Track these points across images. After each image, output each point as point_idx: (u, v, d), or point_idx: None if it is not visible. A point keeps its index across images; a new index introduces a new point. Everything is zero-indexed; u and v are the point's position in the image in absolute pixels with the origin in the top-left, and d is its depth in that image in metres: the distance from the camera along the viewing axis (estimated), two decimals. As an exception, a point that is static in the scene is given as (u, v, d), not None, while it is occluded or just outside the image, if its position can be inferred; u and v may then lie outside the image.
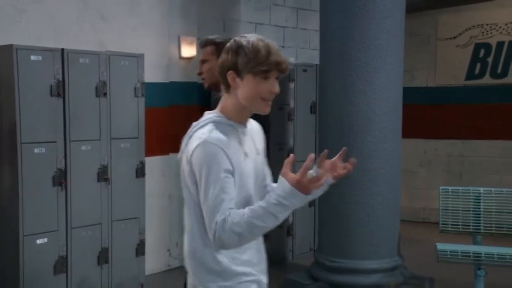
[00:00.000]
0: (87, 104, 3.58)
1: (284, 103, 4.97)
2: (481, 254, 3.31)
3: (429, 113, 6.90)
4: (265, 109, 1.48)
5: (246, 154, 1.48)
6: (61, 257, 3.45)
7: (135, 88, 3.85)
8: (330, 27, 3.73)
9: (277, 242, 4.96)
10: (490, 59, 6.59)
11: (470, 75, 6.71)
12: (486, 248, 3.43)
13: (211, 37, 2.63)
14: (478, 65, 6.67)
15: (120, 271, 3.79)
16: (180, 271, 2.66)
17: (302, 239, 5.12)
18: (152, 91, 4.35)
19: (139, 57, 3.87)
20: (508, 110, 6.49)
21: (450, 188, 3.68)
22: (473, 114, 6.69)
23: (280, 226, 5.06)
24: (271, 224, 1.35)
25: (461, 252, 3.32)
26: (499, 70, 6.55)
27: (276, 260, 4.92)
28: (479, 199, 3.63)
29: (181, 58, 4.72)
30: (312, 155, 1.33)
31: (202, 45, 2.59)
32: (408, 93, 7.04)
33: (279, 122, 4.91)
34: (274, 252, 4.92)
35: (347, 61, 3.60)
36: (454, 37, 6.81)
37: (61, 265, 3.45)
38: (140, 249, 3.90)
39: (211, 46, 2.56)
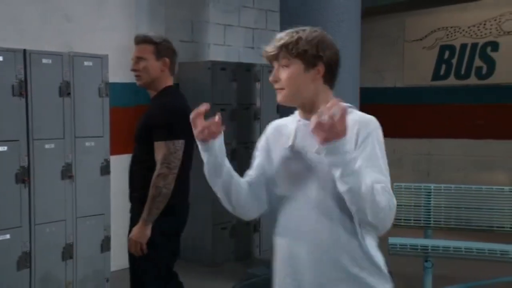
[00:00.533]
0: (51, 104, 3.65)
1: (251, 103, 5.10)
2: (427, 246, 3.46)
3: (398, 113, 7.07)
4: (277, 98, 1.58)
5: (291, 148, 1.56)
6: (25, 252, 3.53)
7: (99, 88, 3.93)
8: (287, 29, 3.85)
9: (244, 238, 5.09)
10: (454, 61, 6.78)
11: (436, 76, 6.89)
12: (433, 241, 3.59)
13: (149, 35, 2.58)
14: (443, 66, 6.86)
15: (85, 267, 3.87)
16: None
17: (269, 234, 5.25)
18: (118, 91, 4.44)
19: (103, 58, 3.95)
20: (471, 110, 6.68)
21: (403, 184, 3.84)
22: (440, 113, 6.88)
23: (247, 223, 5.19)
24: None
25: (410, 245, 3.47)
26: (462, 71, 6.75)
27: (243, 255, 5.04)
28: (430, 195, 3.79)
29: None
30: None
31: (139, 41, 2.53)
32: (378, 93, 7.26)
33: (246, 122, 5.03)
34: (240, 247, 5.05)
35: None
36: (421, 39, 6.98)
37: (25, 261, 3.53)
38: (105, 245, 3.99)
39: (150, 45, 2.52)
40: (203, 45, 5.36)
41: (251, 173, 1.67)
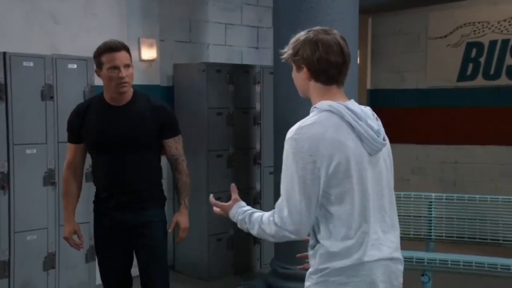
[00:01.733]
0: (32, 108, 3.89)
1: (250, 107, 5.27)
2: (423, 260, 3.55)
3: (421, 117, 7.10)
4: None
5: None
6: (3, 261, 3.76)
7: (84, 92, 4.16)
8: (281, 28, 4.00)
9: (243, 250, 5.22)
10: (482, 59, 6.75)
11: (462, 76, 6.87)
12: (429, 254, 3.67)
13: (119, 41, 2.85)
14: (470, 66, 6.83)
15: (69, 278, 4.08)
16: (134, 280, 2.96)
17: (270, 246, 5.38)
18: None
19: (88, 60, 4.17)
20: (501, 114, 6.64)
21: (402, 193, 3.94)
22: (467, 118, 6.85)
23: (246, 234, 5.32)
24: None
25: (404, 258, 3.57)
26: (492, 71, 6.70)
27: (242, 269, 5.18)
28: (431, 205, 3.87)
29: (141, 60, 5.03)
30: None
31: (120, 49, 2.79)
32: (398, 95, 7.31)
33: (244, 126, 5.19)
34: (239, 260, 5.19)
35: (296, 64, 3.87)
36: (445, 36, 6.98)
37: (3, 270, 3.76)
38: (90, 255, 4.19)
39: (128, 53, 2.81)
40: (202, 45, 5.54)
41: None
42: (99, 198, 2.93)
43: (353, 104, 1.84)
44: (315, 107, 1.81)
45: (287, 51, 1.86)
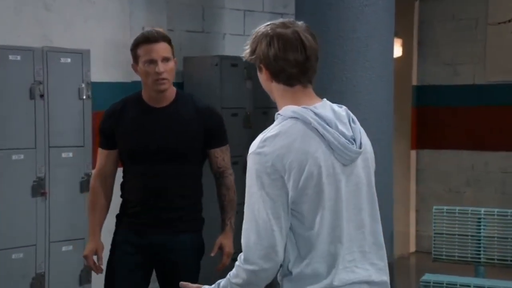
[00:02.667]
0: (20, 108, 4.01)
1: (271, 106, 5.31)
2: (469, 286, 3.55)
3: (478, 118, 7.03)
4: None
5: None
6: (-14, 282, 3.89)
7: (79, 89, 4.27)
8: (304, 17, 4.05)
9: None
10: (554, 49, 6.66)
11: (529, 70, 6.79)
12: (477, 280, 3.66)
13: (159, 30, 2.92)
14: (540, 57, 6.75)
15: (60, 302, 4.20)
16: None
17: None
18: (102, 92, 4.71)
19: (84, 54, 4.29)
20: None
21: (445, 208, 3.94)
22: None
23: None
24: None
25: (447, 283, 3.58)
26: None
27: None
28: (480, 223, 3.87)
29: (146, 53, 5.15)
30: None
31: (159, 39, 2.81)
32: (450, 92, 7.28)
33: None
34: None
35: (321, 57, 3.91)
36: (509, 21, 6.91)
37: (-14, 292, 3.89)
38: (84, 277, 4.28)
39: (169, 44, 2.85)
40: (216, 36, 5.62)
41: None
42: (127, 212, 2.95)
43: (323, 107, 1.85)
44: (279, 113, 1.86)
45: (246, 48, 1.90)
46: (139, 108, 2.89)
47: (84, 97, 4.30)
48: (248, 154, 1.80)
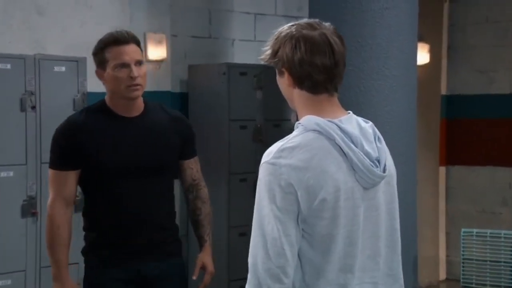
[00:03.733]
0: (9, 120, 4.07)
1: (283, 118, 5.37)
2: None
3: (516, 131, 7.00)
4: None
5: None
6: (-29, 310, 3.93)
7: (74, 101, 4.33)
8: (318, 18, 4.10)
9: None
10: None
11: None
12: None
13: (128, 31, 2.84)
14: None
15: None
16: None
17: None
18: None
19: (80, 61, 4.35)
20: None
21: (474, 231, 3.94)
22: None
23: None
24: None
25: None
26: None
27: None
28: (513, 247, 3.86)
29: (147, 60, 5.19)
30: None
31: (130, 40, 2.74)
32: (484, 103, 7.25)
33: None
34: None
35: (337, 65, 3.95)
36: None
37: (-30, 322, 3.92)
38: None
39: (137, 45, 2.78)
40: (225, 41, 5.67)
41: None
42: (102, 244, 2.81)
43: (349, 121, 1.85)
44: (299, 123, 1.85)
45: (266, 49, 1.89)
46: (107, 119, 2.78)
47: (80, 108, 4.33)
48: (262, 163, 1.80)
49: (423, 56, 6.45)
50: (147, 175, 2.77)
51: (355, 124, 1.86)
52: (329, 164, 1.77)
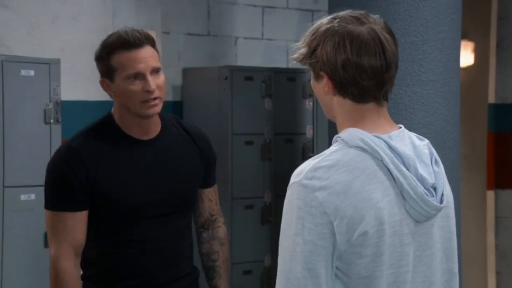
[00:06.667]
0: (-33, 135, 4.10)
1: (297, 132, 5.38)
2: None
3: None
4: None
5: None
6: None
7: (45, 111, 4.34)
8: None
9: None
10: None
11: None
12: None
13: (140, 30, 2.68)
14: None
15: None
16: None
17: None
18: (76, 114, 4.77)
19: (52, 64, 4.36)
20: None
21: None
22: None
23: None
24: None
25: None
26: None
27: None
28: None
29: (133, 62, 5.22)
30: None
31: (144, 43, 2.61)
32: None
33: (288, 161, 5.25)
34: None
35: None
36: None
37: None
38: None
39: (153, 46, 2.64)
40: (226, 40, 5.69)
41: None
42: None
43: (400, 138, 1.80)
44: (339, 137, 1.81)
45: (300, 47, 1.84)
46: (117, 143, 2.68)
47: (52, 120, 4.36)
48: (291, 183, 1.75)
49: (467, 56, 6.47)
50: (170, 212, 2.72)
51: (408, 141, 1.81)
52: (373, 190, 1.72)
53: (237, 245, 5.06)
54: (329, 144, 2.41)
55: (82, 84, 4.92)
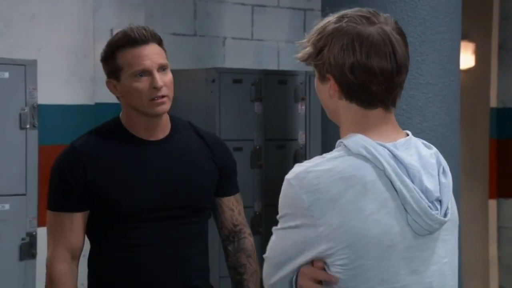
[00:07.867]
0: None
1: (289, 138, 5.37)
2: None
3: None
4: None
5: None
6: None
7: (20, 115, 4.30)
8: (331, 11, 4.11)
9: None
10: None
11: None
12: None
13: (146, 27, 2.74)
14: None
15: None
16: None
17: None
18: (62, 119, 4.79)
19: (28, 66, 4.32)
20: None
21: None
22: None
23: None
24: None
25: None
26: None
27: None
28: None
29: (115, 64, 5.20)
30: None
31: (150, 40, 2.68)
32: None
33: (280, 169, 5.16)
34: None
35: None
36: None
37: None
38: None
39: (159, 44, 2.72)
40: (214, 41, 5.68)
41: None
42: None
43: (406, 146, 1.80)
44: (341, 141, 1.80)
45: (306, 45, 1.84)
46: (123, 143, 2.74)
47: (28, 125, 4.33)
48: (284, 178, 1.78)
49: (467, 58, 6.47)
50: (179, 216, 2.74)
51: (413, 151, 1.80)
52: (369, 201, 1.72)
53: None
54: (323, 151, 2.35)
55: (60, 87, 4.90)
